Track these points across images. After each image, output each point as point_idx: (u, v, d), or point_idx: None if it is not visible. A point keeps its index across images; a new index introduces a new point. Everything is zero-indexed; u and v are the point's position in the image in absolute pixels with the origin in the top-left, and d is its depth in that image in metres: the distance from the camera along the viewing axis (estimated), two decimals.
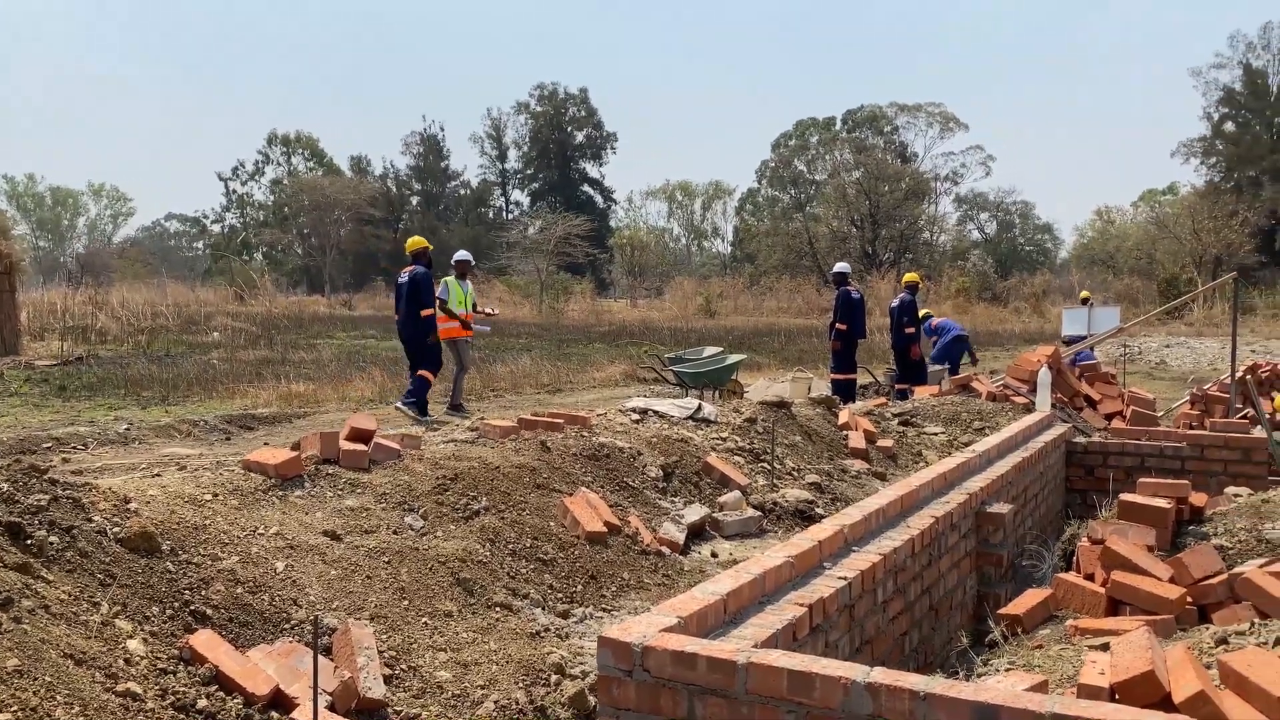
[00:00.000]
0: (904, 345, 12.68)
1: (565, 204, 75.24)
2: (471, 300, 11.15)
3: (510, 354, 18.24)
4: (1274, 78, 61.26)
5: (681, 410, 5.84)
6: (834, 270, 13.59)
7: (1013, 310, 51.47)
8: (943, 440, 7.80)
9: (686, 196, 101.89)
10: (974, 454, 5.35)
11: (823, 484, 5.53)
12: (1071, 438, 7.17)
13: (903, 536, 3.88)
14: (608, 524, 3.96)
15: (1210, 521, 5.02)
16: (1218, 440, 6.59)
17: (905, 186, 68.98)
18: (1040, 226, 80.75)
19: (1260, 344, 28.53)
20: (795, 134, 79.37)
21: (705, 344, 31.53)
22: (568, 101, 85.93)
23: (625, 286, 75.89)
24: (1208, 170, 63.27)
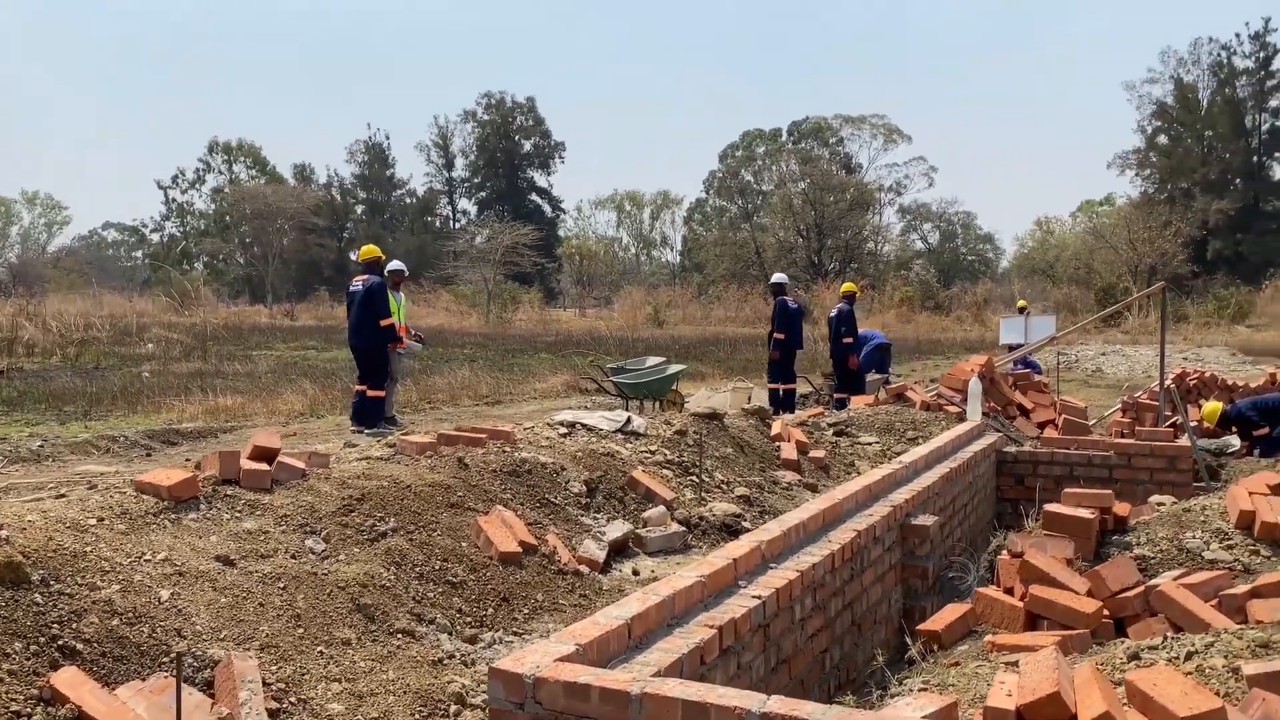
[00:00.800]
0: (842, 355, 12.72)
1: (513, 213, 74.90)
2: (404, 313, 11.00)
3: (451, 365, 17.99)
4: (1204, 92, 63.11)
5: (611, 423, 5.73)
6: (771, 280, 13.60)
7: (955, 319, 52.23)
8: (876, 450, 7.79)
9: (635, 206, 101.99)
10: (901, 465, 5.31)
11: (752, 497, 5.45)
12: (1003, 447, 7.19)
13: (823, 551, 3.81)
14: (523, 543, 3.83)
15: (1134, 531, 5.03)
16: (1144, 449, 6.65)
17: (850, 197, 69.80)
18: (982, 237, 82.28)
19: (1192, 351, 29.23)
20: (742, 145, 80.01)
21: (651, 353, 31.50)
22: (515, 110, 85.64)
23: (574, 296, 75.75)
24: (1142, 182, 64.97)
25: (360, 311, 10.04)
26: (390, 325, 10.03)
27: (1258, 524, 4.72)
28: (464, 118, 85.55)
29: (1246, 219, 58.94)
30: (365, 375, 10.01)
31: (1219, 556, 4.78)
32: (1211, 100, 62.48)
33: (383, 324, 9.94)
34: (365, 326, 9.98)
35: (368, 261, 10.48)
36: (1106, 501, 5.02)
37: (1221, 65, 62.10)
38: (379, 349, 9.99)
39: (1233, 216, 57.66)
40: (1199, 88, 63.16)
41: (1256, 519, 4.74)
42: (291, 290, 72.57)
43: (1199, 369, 11.85)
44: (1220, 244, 58.52)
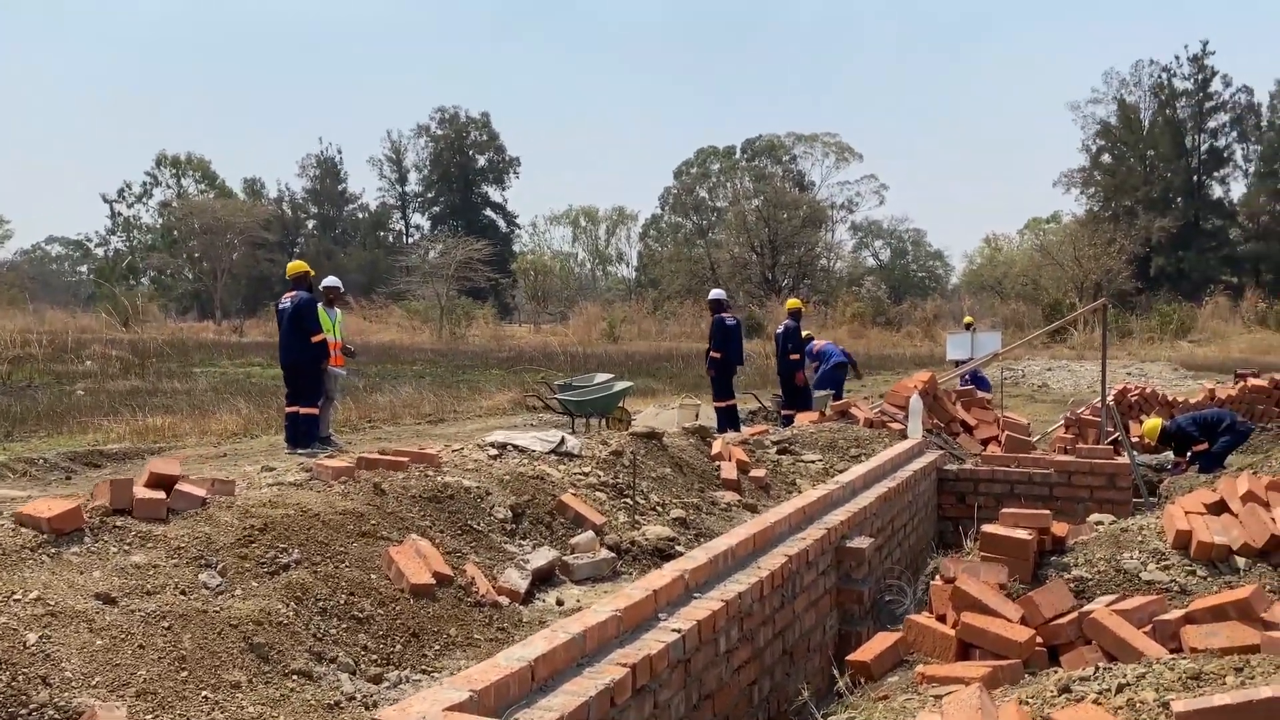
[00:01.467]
0: (789, 371, 12.64)
1: (467, 228, 74.47)
2: (340, 329, 10.75)
3: (398, 382, 17.66)
4: (1145, 113, 64.61)
5: (544, 444, 5.55)
6: (709, 297, 13.48)
7: (905, 335, 52.73)
8: (819, 469, 7.68)
9: (590, 222, 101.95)
10: (837, 485, 5.20)
11: (688, 519, 5.30)
12: (943, 465, 7.12)
13: (752, 578, 3.66)
14: (437, 574, 3.64)
15: (1072, 551, 4.95)
16: (1083, 467, 6.61)
17: (803, 214, 70.40)
18: (932, 253, 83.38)
19: (1136, 366, 29.68)
20: (697, 162, 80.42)
21: (604, 370, 31.32)
22: (469, 125, 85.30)
23: (529, 311, 75.41)
24: (1087, 200, 66.27)
25: (290, 328, 9.85)
26: (322, 341, 9.85)
27: (1194, 544, 4.66)
28: (417, 132, 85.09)
29: (1187, 237, 60.35)
30: (297, 394, 9.81)
31: (1156, 578, 4.71)
32: (1153, 121, 63.99)
33: (314, 340, 9.76)
34: (296, 343, 9.78)
35: (295, 277, 10.28)
36: (1044, 522, 4.93)
37: (1162, 87, 63.66)
38: (310, 366, 9.80)
39: (1174, 234, 59.00)
40: (1141, 108, 64.71)
41: (1193, 539, 4.68)
42: (241, 306, 71.45)
43: (1141, 385, 11.94)
44: (1163, 261, 59.82)
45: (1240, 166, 63.13)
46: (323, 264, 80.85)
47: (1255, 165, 62.16)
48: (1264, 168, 61.34)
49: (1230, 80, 61.96)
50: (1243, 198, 62.58)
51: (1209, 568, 4.68)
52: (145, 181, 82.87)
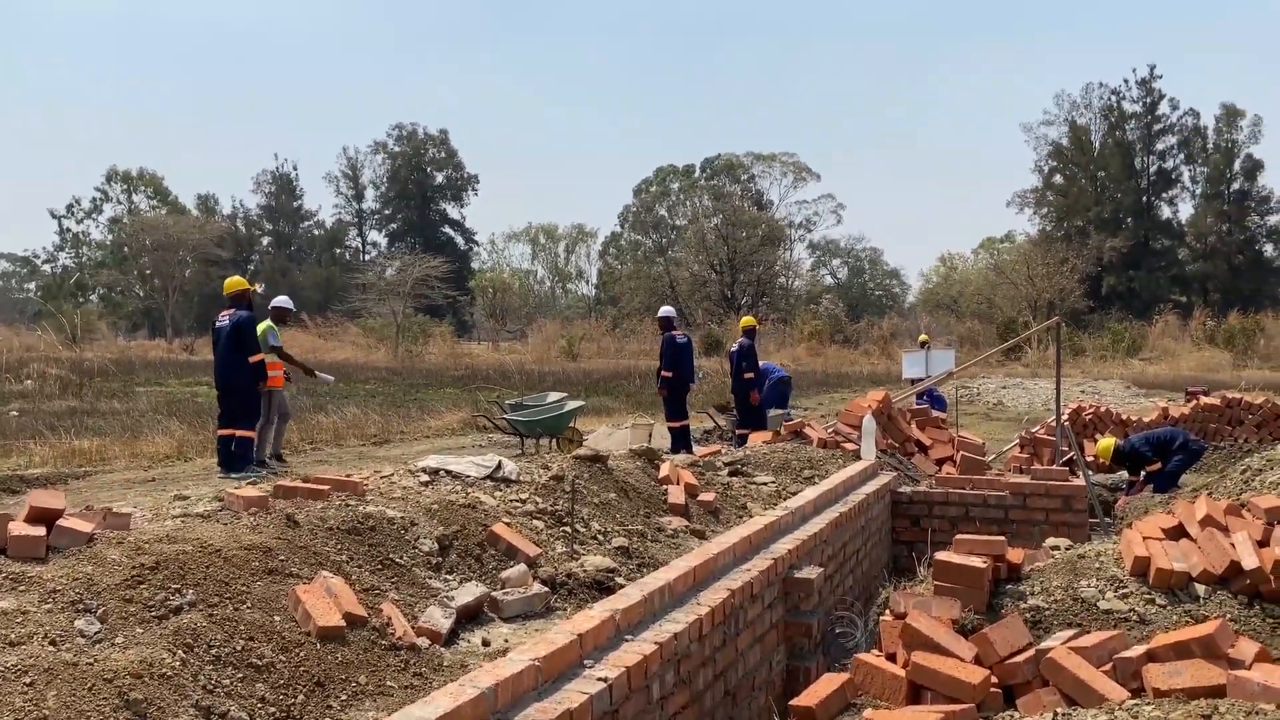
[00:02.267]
0: (743, 391, 12.44)
1: (425, 245, 73.98)
2: None
3: (345, 401, 17.22)
4: (1096, 135, 65.81)
5: (480, 469, 5.26)
6: (659, 314, 13.25)
7: (863, 352, 52.99)
8: (771, 491, 7.45)
9: (550, 239, 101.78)
10: (786, 512, 4.97)
11: (631, 548, 5.03)
12: (897, 487, 6.93)
13: (690, 616, 3.40)
14: (349, 615, 3.33)
15: (1028, 579, 4.75)
16: (1039, 489, 6.45)
17: (761, 233, 70.80)
18: (889, 272, 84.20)
19: (1089, 385, 29.95)
20: (656, 180, 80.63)
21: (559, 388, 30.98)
22: (427, 142, 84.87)
23: (488, 329, 74.90)
24: (1040, 220, 67.29)
25: (228, 347, 9.58)
26: (260, 361, 9.62)
27: (1152, 571, 4.49)
28: (375, 149, 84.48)
29: (1138, 256, 61.43)
30: (233, 416, 9.53)
31: (1114, 606, 4.52)
32: (1103, 142, 65.21)
33: (252, 360, 9.52)
34: (233, 363, 9.52)
35: (234, 294, 9.97)
36: (999, 549, 4.73)
37: (1112, 109, 64.94)
38: (248, 387, 9.54)
39: (1125, 254, 60.05)
40: (1091, 130, 65.92)
41: (1151, 566, 4.51)
42: (193, 324, 70.22)
43: (1094, 403, 11.90)
44: (1114, 280, 60.80)
45: (1188, 188, 64.56)
46: (278, 281, 79.83)
47: (1202, 187, 63.55)
48: (1210, 189, 62.72)
49: (1177, 103, 63.37)
50: (1190, 218, 63.90)
51: (1168, 596, 4.51)
52: (95, 197, 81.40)
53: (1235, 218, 61.18)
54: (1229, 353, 46.02)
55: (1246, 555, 4.38)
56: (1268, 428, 10.88)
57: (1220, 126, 61.91)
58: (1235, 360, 43.85)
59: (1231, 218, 61.19)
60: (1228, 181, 61.80)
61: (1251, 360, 43.95)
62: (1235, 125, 61.20)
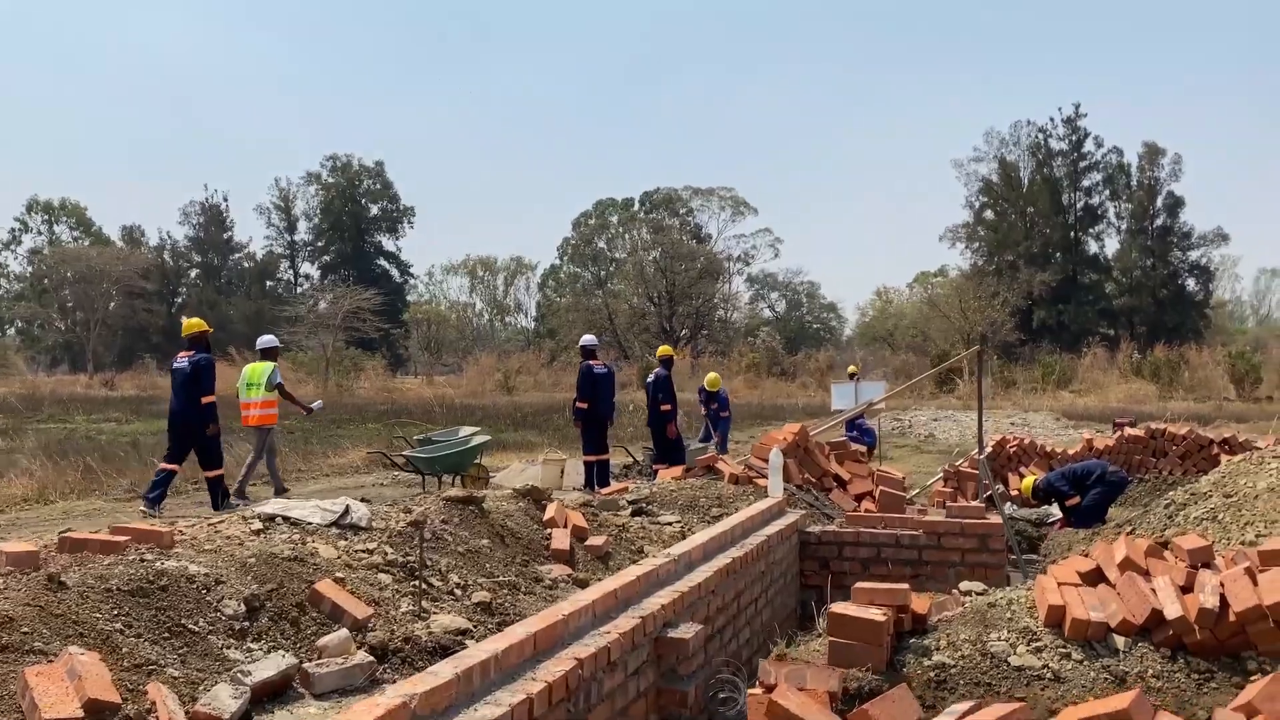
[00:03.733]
0: (660, 423, 11.92)
1: (359, 278, 72.73)
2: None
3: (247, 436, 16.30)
4: (1025, 171, 67.25)
5: (325, 514, 4.64)
6: (580, 343, 12.71)
7: (800, 385, 53.01)
8: (674, 532, 6.91)
9: (489, 272, 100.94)
10: (668, 559, 4.42)
11: (495, 603, 4.44)
12: (806, 526, 6.43)
13: (517, 697, 2.83)
14: (93, 704, 2.70)
15: (934, 632, 4.27)
16: (954, 528, 6.00)
17: (700, 265, 70.96)
18: (826, 305, 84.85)
19: (1019, 416, 30.04)
20: (595, 213, 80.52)
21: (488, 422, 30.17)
22: (362, 174, 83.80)
23: (423, 363, 73.68)
24: (972, 254, 68.38)
25: (187, 392, 9.60)
26: (211, 404, 9.61)
27: (1068, 621, 4.03)
28: (307, 180, 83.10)
29: (1066, 290, 62.65)
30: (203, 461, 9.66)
31: (1027, 663, 4.05)
32: (1031, 179, 66.63)
33: (204, 401, 9.54)
34: (193, 406, 9.56)
35: (193, 336, 9.96)
36: (903, 598, 4.24)
37: (1039, 146, 66.48)
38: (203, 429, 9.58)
39: (1054, 288, 61.19)
40: (1020, 167, 67.36)
41: (1066, 616, 4.05)
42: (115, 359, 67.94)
43: (1021, 436, 11.61)
44: (1044, 313, 61.88)
45: (1113, 224, 66.16)
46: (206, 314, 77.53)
47: (1126, 223, 65.20)
48: (1134, 225, 64.33)
49: (1102, 141, 65.11)
50: (1116, 254, 65.44)
51: (1085, 649, 4.05)
52: (14, 228, 78.77)
53: (1159, 253, 62.80)
54: (1155, 385, 46.85)
55: (1169, 603, 3.95)
56: (1191, 459, 10.66)
57: (1143, 164, 63.70)
58: (1161, 392, 44.65)
59: (1155, 253, 62.80)
60: (1151, 218, 63.46)
61: (1176, 392, 44.80)
62: (1157, 163, 62.98)
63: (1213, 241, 63.33)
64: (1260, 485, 6.10)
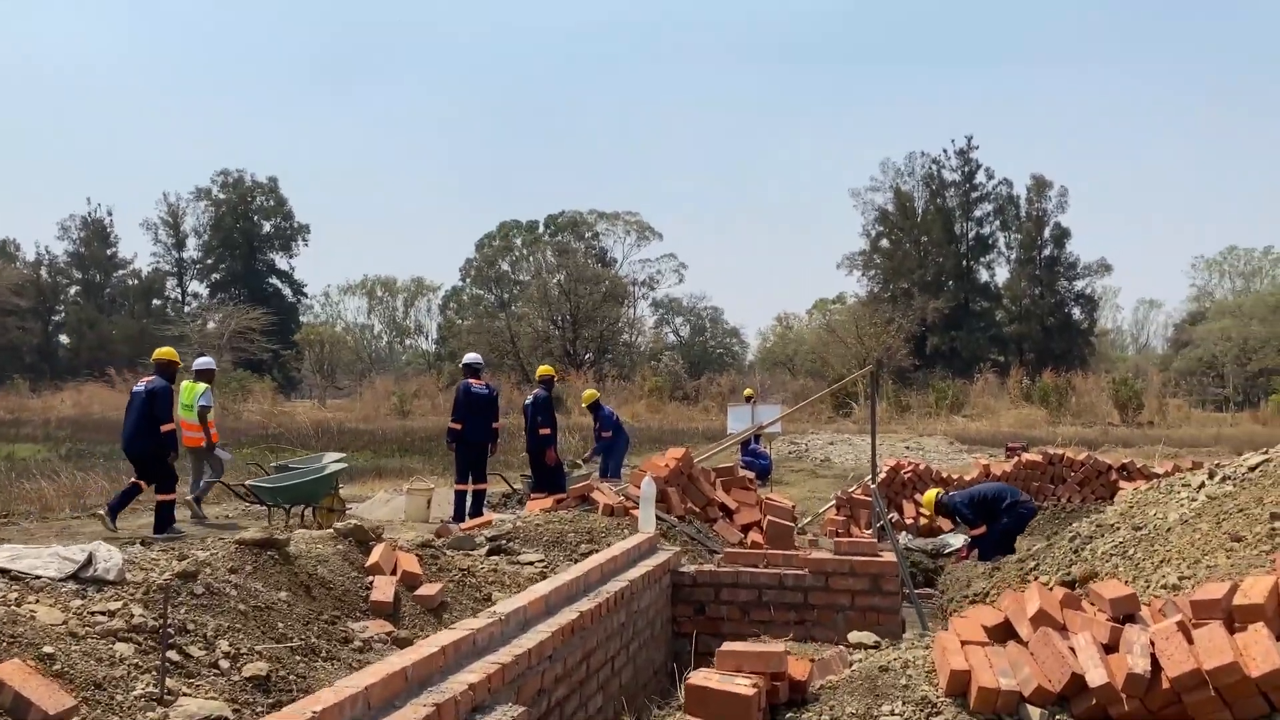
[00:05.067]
0: (539, 448, 11.03)
1: (250, 297, 70.00)
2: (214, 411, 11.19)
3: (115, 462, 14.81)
4: (919, 201, 68.77)
5: (63, 565, 3.67)
6: (462, 361, 11.77)
7: (702, 409, 52.70)
8: (534, 573, 6.05)
9: (388, 292, 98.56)
10: (494, 618, 3.58)
11: (275, 676, 3.53)
12: (680, 565, 5.65)
13: None
14: None
15: (815, 703, 3.52)
16: (843, 566, 5.30)
17: (605, 289, 70.44)
18: (729, 330, 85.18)
19: (914, 441, 30.09)
20: (499, 235, 79.36)
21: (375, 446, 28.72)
22: (255, 190, 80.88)
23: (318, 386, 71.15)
24: (869, 282, 69.53)
25: (140, 415, 9.57)
26: (171, 431, 9.66)
27: (973, 690, 3.32)
28: (197, 195, 79.81)
29: (959, 317, 64.09)
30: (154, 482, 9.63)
31: None
32: (925, 208, 68.19)
33: (163, 429, 9.54)
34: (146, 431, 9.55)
35: (162, 363, 10.17)
36: (777, 664, 3.48)
37: (933, 177, 68.14)
38: (158, 455, 9.56)
39: (947, 314, 62.54)
40: (915, 196, 68.86)
41: (971, 682, 3.35)
42: None
43: (915, 461, 11.11)
44: (937, 339, 63.13)
45: (1003, 253, 68.02)
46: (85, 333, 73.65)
47: (1016, 252, 67.11)
48: (1023, 255, 66.31)
49: (993, 173, 67.03)
50: (1006, 282, 67.26)
51: None
52: None
53: (1046, 282, 64.78)
54: (1044, 410, 47.99)
55: (1091, 666, 3.27)
56: (1090, 486, 10.30)
57: (1031, 196, 65.76)
58: (1050, 417, 45.74)
59: (1043, 282, 64.76)
60: (1039, 248, 65.47)
61: (1065, 417, 45.94)
62: (1044, 195, 65.10)
63: (1097, 272, 65.70)
64: (1171, 517, 5.58)
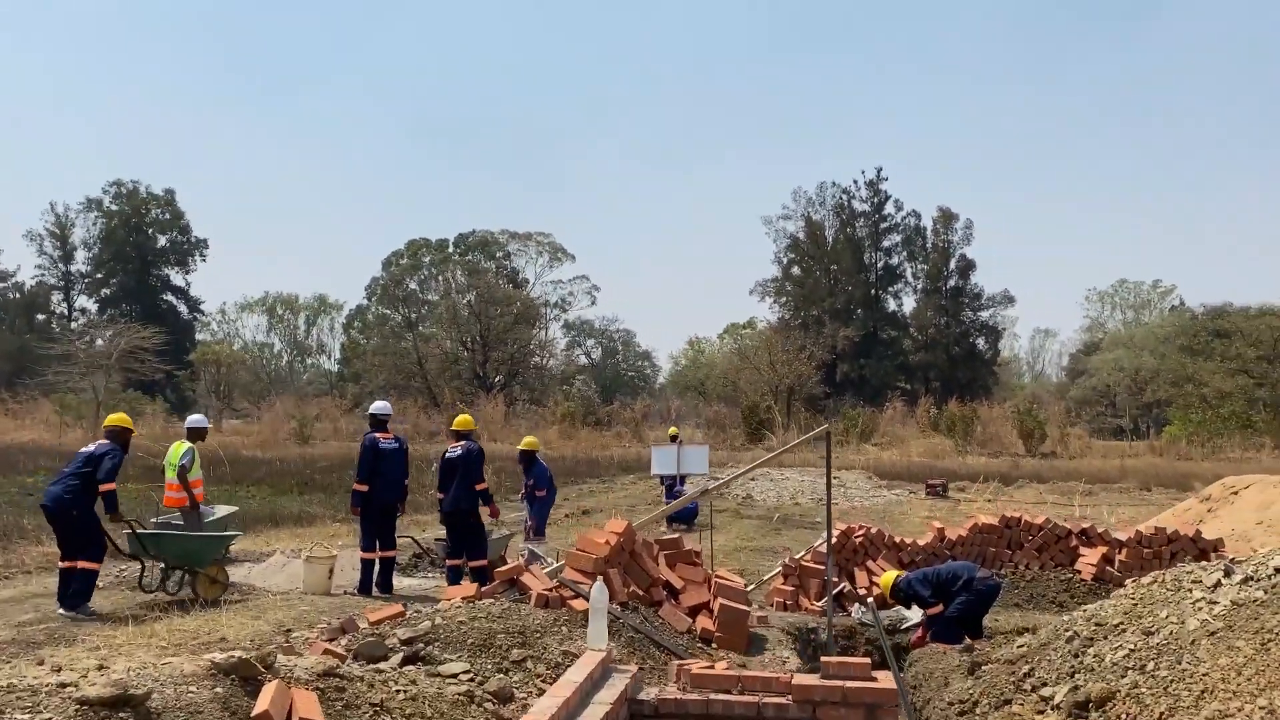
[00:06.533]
0: (470, 506, 9.85)
1: (143, 313, 66.70)
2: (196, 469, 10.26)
3: None
4: (830, 230, 69.57)
5: None
6: (369, 411, 10.67)
7: (615, 435, 51.87)
8: (459, 693, 5.09)
9: (290, 310, 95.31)
10: None
11: None
12: (636, 693, 4.77)
13: None
14: None
15: None
16: (834, 694, 4.52)
17: (516, 311, 69.23)
18: (640, 354, 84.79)
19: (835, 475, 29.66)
20: (407, 253, 77.43)
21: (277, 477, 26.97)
22: (149, 202, 77.27)
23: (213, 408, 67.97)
24: (780, 308, 69.93)
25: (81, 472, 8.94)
26: (110, 492, 8.89)
27: None
28: (87, 206, 75.81)
29: (868, 345, 64.91)
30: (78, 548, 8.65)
31: None
32: (836, 237, 69.00)
33: (101, 490, 8.86)
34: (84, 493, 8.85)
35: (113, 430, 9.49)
36: None
37: (843, 207, 69.03)
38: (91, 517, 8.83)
39: (856, 343, 63.24)
40: (825, 225, 69.64)
41: None
42: None
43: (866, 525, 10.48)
44: (847, 367, 63.76)
45: (910, 283, 69.22)
46: None
47: (923, 282, 68.37)
48: (929, 285, 67.61)
49: (901, 204, 68.27)
50: (913, 311, 68.44)
51: None
52: None
53: (952, 312, 66.12)
54: (951, 439, 48.56)
55: None
56: (1049, 551, 9.80)
57: (938, 227, 67.10)
58: (957, 446, 46.28)
59: (949, 312, 66.06)
60: (945, 278, 66.80)
61: (971, 446, 46.57)
62: (951, 227, 66.51)
63: (1000, 303, 67.33)
64: (1190, 625, 4.95)
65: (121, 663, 4.32)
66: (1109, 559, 9.34)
